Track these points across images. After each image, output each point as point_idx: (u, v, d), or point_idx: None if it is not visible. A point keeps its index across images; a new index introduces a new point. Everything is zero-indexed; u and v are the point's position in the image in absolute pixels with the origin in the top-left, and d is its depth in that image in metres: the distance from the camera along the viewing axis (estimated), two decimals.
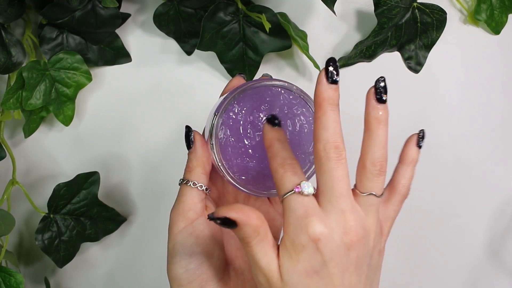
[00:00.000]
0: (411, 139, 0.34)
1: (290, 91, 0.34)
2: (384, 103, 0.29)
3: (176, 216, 0.32)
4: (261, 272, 0.28)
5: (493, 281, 0.50)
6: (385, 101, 0.29)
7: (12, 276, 0.40)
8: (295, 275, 0.27)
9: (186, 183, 0.33)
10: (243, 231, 0.28)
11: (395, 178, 0.33)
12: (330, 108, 0.28)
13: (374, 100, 0.29)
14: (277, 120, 0.30)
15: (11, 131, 0.50)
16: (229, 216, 0.27)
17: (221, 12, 0.45)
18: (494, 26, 0.49)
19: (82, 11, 0.44)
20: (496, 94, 0.50)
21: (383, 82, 0.29)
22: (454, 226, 0.49)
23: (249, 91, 0.33)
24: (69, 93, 0.46)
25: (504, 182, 0.50)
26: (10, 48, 0.44)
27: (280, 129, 0.30)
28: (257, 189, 0.33)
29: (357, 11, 0.50)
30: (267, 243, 0.28)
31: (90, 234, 0.47)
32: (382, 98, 0.29)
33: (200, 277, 0.32)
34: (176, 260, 0.32)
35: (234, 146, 0.33)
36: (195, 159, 0.33)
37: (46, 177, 0.50)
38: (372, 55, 0.49)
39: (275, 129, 0.30)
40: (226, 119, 0.33)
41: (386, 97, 0.29)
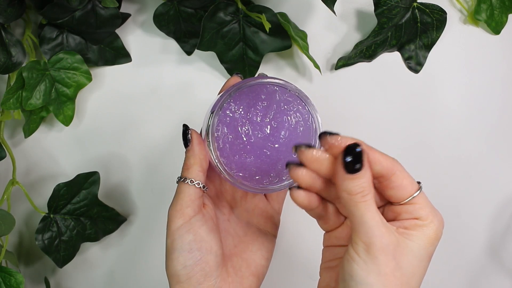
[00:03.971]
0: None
1: (285, 88, 0.34)
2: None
3: (174, 213, 0.33)
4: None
5: (493, 281, 0.50)
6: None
7: (12, 276, 0.40)
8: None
9: (184, 180, 0.33)
10: (364, 179, 0.27)
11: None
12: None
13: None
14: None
15: (11, 131, 0.50)
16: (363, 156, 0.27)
17: (221, 12, 0.45)
18: (494, 26, 0.49)
19: (82, 11, 0.44)
20: (496, 94, 0.50)
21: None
22: (454, 226, 0.49)
23: (244, 89, 0.34)
24: (69, 93, 0.46)
25: (504, 182, 0.50)
26: (10, 48, 0.44)
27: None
28: (254, 186, 0.34)
29: (357, 11, 0.50)
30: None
31: (90, 234, 0.47)
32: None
33: (198, 274, 0.32)
34: (174, 256, 0.32)
35: (231, 143, 0.33)
36: (192, 157, 0.34)
37: (46, 177, 0.50)
38: (372, 55, 0.49)
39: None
40: (223, 117, 0.33)
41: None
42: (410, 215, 0.29)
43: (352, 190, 0.27)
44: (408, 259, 0.28)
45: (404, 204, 0.29)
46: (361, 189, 0.27)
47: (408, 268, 0.28)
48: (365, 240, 0.27)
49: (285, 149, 0.34)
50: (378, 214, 0.28)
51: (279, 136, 0.34)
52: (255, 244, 0.37)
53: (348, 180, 0.27)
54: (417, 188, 0.29)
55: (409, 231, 0.28)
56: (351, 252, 0.28)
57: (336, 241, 0.32)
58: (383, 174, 0.28)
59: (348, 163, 0.27)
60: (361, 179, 0.27)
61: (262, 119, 0.34)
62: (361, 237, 0.27)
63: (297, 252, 0.49)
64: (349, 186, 0.27)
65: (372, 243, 0.27)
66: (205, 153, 0.34)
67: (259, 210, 0.38)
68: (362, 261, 0.27)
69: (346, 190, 0.27)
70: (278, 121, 0.34)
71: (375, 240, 0.27)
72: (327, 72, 0.49)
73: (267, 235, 0.37)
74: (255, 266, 0.36)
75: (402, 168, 0.29)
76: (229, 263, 0.35)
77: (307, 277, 0.49)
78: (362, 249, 0.27)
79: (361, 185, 0.27)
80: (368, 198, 0.27)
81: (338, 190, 0.28)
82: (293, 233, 0.49)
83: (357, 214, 0.27)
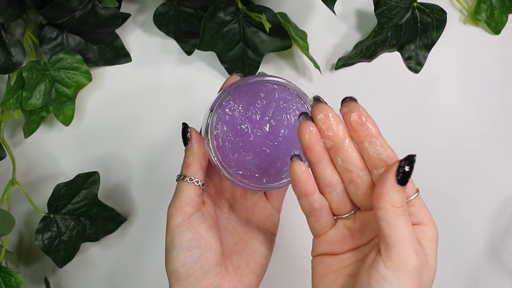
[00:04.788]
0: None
1: (284, 87, 0.34)
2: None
3: (173, 211, 0.33)
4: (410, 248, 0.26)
5: (493, 281, 0.50)
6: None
7: (12, 276, 0.40)
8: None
9: (183, 178, 0.33)
10: (405, 193, 0.27)
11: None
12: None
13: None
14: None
15: (11, 131, 0.50)
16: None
17: (221, 12, 0.45)
18: (494, 26, 0.49)
19: (82, 11, 0.44)
20: (496, 94, 0.50)
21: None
22: (454, 226, 0.49)
23: (244, 87, 0.34)
24: (69, 93, 0.46)
25: (504, 182, 0.50)
26: (10, 48, 0.44)
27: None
28: (253, 183, 0.34)
29: (357, 11, 0.50)
30: None
31: (90, 234, 0.47)
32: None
33: (197, 271, 0.32)
34: (174, 254, 0.32)
35: (231, 141, 0.33)
36: (192, 155, 0.34)
37: (46, 177, 0.50)
38: (372, 55, 0.49)
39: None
40: (222, 115, 0.33)
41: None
42: (413, 218, 0.28)
43: (397, 202, 0.26)
44: (427, 275, 0.28)
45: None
46: (403, 202, 0.27)
47: (427, 284, 0.28)
48: (404, 256, 0.26)
49: (284, 147, 0.34)
50: (413, 231, 0.27)
51: (279, 134, 0.34)
52: (254, 242, 0.37)
53: (396, 192, 0.26)
54: (416, 191, 0.29)
55: (421, 244, 0.28)
56: (383, 271, 0.26)
57: (328, 247, 0.31)
58: (387, 162, 0.28)
59: (405, 173, 0.26)
60: (404, 193, 0.27)
61: (261, 117, 0.34)
62: (400, 253, 0.26)
63: (297, 251, 0.49)
64: (396, 197, 0.26)
65: (411, 260, 0.26)
66: (205, 151, 0.34)
67: (259, 208, 0.38)
68: (395, 280, 0.26)
69: (391, 201, 0.26)
70: (277, 119, 0.34)
71: (413, 258, 0.26)
72: (327, 72, 0.49)
73: (267, 233, 0.37)
74: (254, 264, 0.36)
75: None
76: (229, 261, 0.35)
77: (306, 277, 0.49)
78: (397, 265, 0.26)
79: (404, 198, 0.27)
80: (407, 213, 0.27)
81: (379, 200, 0.27)
82: (293, 231, 0.49)
83: (399, 228, 0.26)
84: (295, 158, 0.29)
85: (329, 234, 0.31)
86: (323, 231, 0.31)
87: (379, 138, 0.29)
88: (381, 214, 0.27)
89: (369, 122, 0.28)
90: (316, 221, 0.31)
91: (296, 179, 0.29)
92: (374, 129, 0.29)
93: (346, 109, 0.29)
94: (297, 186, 0.30)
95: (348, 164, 0.29)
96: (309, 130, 0.29)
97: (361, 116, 0.28)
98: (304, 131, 0.29)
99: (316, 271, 0.32)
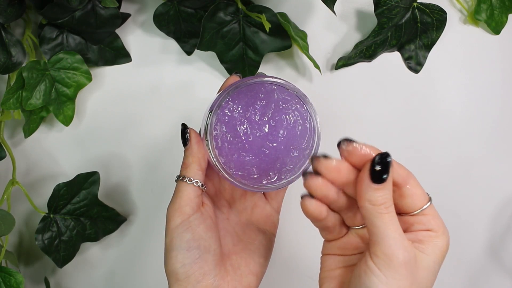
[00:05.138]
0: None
1: (283, 87, 0.34)
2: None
3: (173, 212, 0.33)
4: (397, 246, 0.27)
5: (493, 281, 0.50)
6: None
7: (12, 276, 0.40)
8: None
9: (182, 179, 0.33)
10: (387, 190, 0.27)
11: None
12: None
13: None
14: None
15: (11, 131, 0.50)
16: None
17: (221, 12, 0.45)
18: (494, 26, 0.49)
19: (82, 11, 0.44)
20: (496, 94, 0.50)
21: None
22: (454, 226, 0.49)
23: (243, 88, 0.34)
24: (69, 93, 0.46)
25: (504, 182, 0.50)
26: (10, 48, 0.44)
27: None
28: (253, 184, 0.34)
29: (357, 11, 0.50)
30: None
31: (90, 234, 0.47)
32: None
33: (197, 272, 0.32)
34: (173, 255, 0.32)
35: (230, 142, 0.33)
36: (191, 155, 0.34)
37: (46, 177, 0.50)
38: (372, 55, 0.49)
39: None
40: (221, 116, 0.33)
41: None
42: (423, 226, 0.28)
43: (376, 200, 0.27)
44: (423, 274, 0.27)
45: (415, 215, 0.29)
46: (385, 200, 0.27)
47: (422, 282, 0.27)
48: (388, 253, 0.26)
49: (283, 147, 0.34)
50: (400, 227, 0.27)
51: (278, 134, 0.34)
52: (254, 242, 0.37)
53: (373, 190, 0.27)
54: (428, 199, 0.29)
55: (423, 245, 0.28)
56: (371, 265, 0.27)
57: (338, 251, 0.32)
58: (398, 182, 0.28)
59: (376, 172, 0.27)
60: (385, 190, 0.27)
61: (261, 118, 0.34)
62: (384, 250, 0.26)
63: (297, 252, 0.49)
64: (374, 196, 0.27)
65: (395, 256, 0.26)
66: (204, 152, 0.34)
67: (258, 209, 0.38)
68: (383, 275, 0.26)
69: (371, 200, 0.27)
70: (277, 120, 0.34)
71: (398, 254, 0.26)
72: (327, 72, 0.49)
73: (266, 233, 0.37)
74: (254, 264, 0.36)
75: (415, 179, 0.28)
76: (228, 261, 0.35)
77: (306, 277, 0.49)
78: (383, 262, 0.26)
79: (385, 196, 0.27)
80: (391, 209, 0.27)
81: (360, 200, 0.27)
82: (293, 232, 0.49)
83: (380, 225, 0.27)
84: (305, 198, 0.29)
85: (341, 240, 0.32)
86: (334, 238, 0.32)
87: None
88: (363, 213, 0.27)
89: (374, 154, 0.28)
90: (329, 233, 0.32)
91: (309, 215, 0.30)
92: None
93: (346, 153, 0.28)
94: (310, 218, 0.30)
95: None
96: (319, 184, 0.29)
97: (363, 154, 0.28)
98: (315, 187, 0.29)
99: (324, 266, 0.32)
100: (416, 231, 0.29)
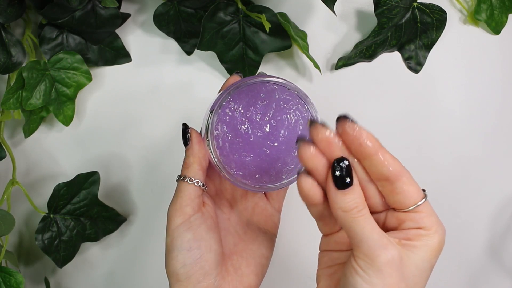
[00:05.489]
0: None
1: (284, 87, 0.34)
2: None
3: (174, 212, 0.33)
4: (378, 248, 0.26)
5: (493, 281, 0.50)
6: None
7: (12, 276, 0.40)
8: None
9: (183, 179, 0.33)
10: (357, 193, 0.27)
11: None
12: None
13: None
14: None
15: (11, 131, 0.50)
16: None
17: (221, 12, 0.45)
18: (494, 26, 0.49)
19: (82, 11, 0.44)
20: (496, 94, 0.50)
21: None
22: (454, 227, 0.49)
23: (244, 87, 0.34)
24: (69, 93, 0.46)
25: (504, 182, 0.50)
26: (10, 48, 0.44)
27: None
28: (254, 184, 0.34)
29: (357, 11, 0.50)
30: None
31: (90, 234, 0.47)
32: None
33: (198, 272, 0.32)
34: (174, 255, 0.32)
35: (231, 141, 0.33)
36: (192, 155, 0.34)
37: (46, 177, 0.50)
38: (372, 55, 0.49)
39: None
40: (222, 116, 0.33)
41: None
42: (414, 224, 0.28)
43: (347, 206, 0.27)
44: (412, 272, 0.27)
45: (408, 211, 0.28)
46: (356, 203, 0.27)
47: (411, 279, 0.27)
48: (369, 254, 0.26)
49: (284, 147, 0.34)
50: (377, 226, 0.27)
51: (279, 134, 0.34)
52: (255, 243, 0.37)
53: (340, 196, 0.27)
54: (423, 196, 0.28)
55: (412, 243, 0.27)
56: (355, 265, 0.27)
57: (335, 246, 0.32)
58: (389, 177, 0.27)
59: (338, 178, 0.27)
60: (354, 193, 0.27)
61: (262, 118, 0.34)
62: (364, 252, 0.26)
63: (297, 252, 0.49)
64: (344, 202, 0.27)
65: (377, 256, 0.26)
66: (205, 152, 0.34)
67: (259, 209, 0.38)
68: (367, 275, 0.26)
69: (341, 208, 0.27)
70: (278, 120, 0.34)
71: (380, 254, 0.26)
72: (327, 72, 0.49)
73: (267, 233, 0.37)
74: (255, 264, 0.36)
75: (409, 175, 0.28)
76: (229, 261, 0.35)
77: (306, 277, 0.49)
78: (365, 263, 0.26)
79: (355, 199, 0.27)
80: (365, 212, 0.27)
81: (332, 208, 0.27)
82: (293, 232, 0.49)
83: (357, 229, 0.26)
84: (301, 174, 0.29)
85: (337, 235, 0.31)
86: (331, 231, 0.32)
87: (378, 154, 0.27)
88: (338, 221, 0.27)
89: (367, 139, 0.27)
90: (325, 225, 0.31)
91: (303, 193, 0.29)
92: (372, 145, 0.27)
93: (340, 129, 0.27)
94: (305, 199, 0.29)
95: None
96: (310, 152, 0.28)
97: (359, 136, 0.27)
98: (306, 156, 0.28)
99: (322, 263, 0.32)
100: (406, 229, 0.28)
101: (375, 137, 0.27)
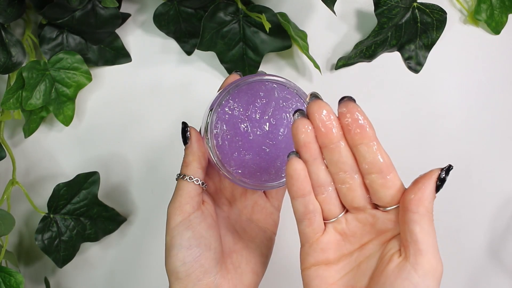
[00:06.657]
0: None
1: (283, 86, 0.34)
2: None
3: (173, 210, 0.33)
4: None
5: (493, 281, 0.50)
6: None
7: (12, 276, 0.40)
8: None
9: (183, 177, 0.33)
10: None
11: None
12: None
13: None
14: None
15: (11, 131, 0.50)
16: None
17: (221, 12, 0.45)
18: (494, 26, 0.49)
19: (82, 11, 0.44)
20: (496, 94, 0.50)
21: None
22: (454, 226, 0.49)
23: (243, 86, 0.34)
24: (69, 93, 0.46)
25: (504, 182, 0.50)
26: (10, 48, 0.44)
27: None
28: (253, 183, 0.34)
29: (357, 11, 0.50)
30: None
31: (90, 234, 0.47)
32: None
33: (197, 270, 0.32)
34: (174, 253, 0.32)
35: (230, 140, 0.34)
36: (191, 154, 0.34)
37: (46, 177, 0.50)
38: (372, 55, 0.49)
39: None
40: (221, 114, 0.33)
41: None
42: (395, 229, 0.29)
43: (431, 209, 0.27)
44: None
45: (387, 211, 0.28)
46: (433, 208, 0.27)
47: None
48: (434, 263, 0.26)
49: (284, 146, 0.34)
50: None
51: (278, 133, 0.34)
52: (254, 241, 0.37)
53: (432, 199, 0.27)
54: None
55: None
56: (413, 277, 0.26)
57: (321, 255, 0.30)
58: (383, 168, 0.27)
59: (442, 182, 0.27)
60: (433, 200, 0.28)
61: (261, 116, 0.34)
62: (430, 260, 0.26)
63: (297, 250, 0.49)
64: (431, 204, 0.27)
65: (439, 267, 0.27)
66: (204, 150, 0.34)
67: (259, 207, 0.38)
68: (425, 286, 0.26)
69: (428, 207, 0.27)
70: (277, 118, 0.34)
71: (441, 265, 0.27)
72: (327, 72, 0.49)
73: (267, 232, 0.37)
74: (254, 263, 0.36)
75: (395, 173, 0.28)
76: (229, 259, 0.35)
77: None
78: (426, 272, 0.26)
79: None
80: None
81: (418, 204, 0.27)
82: (293, 231, 0.48)
83: (431, 235, 0.27)
84: (292, 156, 0.28)
85: (322, 240, 0.30)
86: (315, 236, 0.30)
87: (376, 142, 0.28)
88: (417, 218, 0.26)
89: (367, 125, 0.27)
90: (310, 225, 0.30)
91: (294, 176, 0.28)
92: (372, 132, 0.28)
93: (344, 109, 0.27)
94: (294, 185, 0.28)
95: (343, 165, 0.28)
96: (305, 128, 0.28)
97: (359, 118, 0.27)
98: (300, 129, 0.28)
99: (312, 286, 0.30)
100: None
101: (371, 125, 0.28)
